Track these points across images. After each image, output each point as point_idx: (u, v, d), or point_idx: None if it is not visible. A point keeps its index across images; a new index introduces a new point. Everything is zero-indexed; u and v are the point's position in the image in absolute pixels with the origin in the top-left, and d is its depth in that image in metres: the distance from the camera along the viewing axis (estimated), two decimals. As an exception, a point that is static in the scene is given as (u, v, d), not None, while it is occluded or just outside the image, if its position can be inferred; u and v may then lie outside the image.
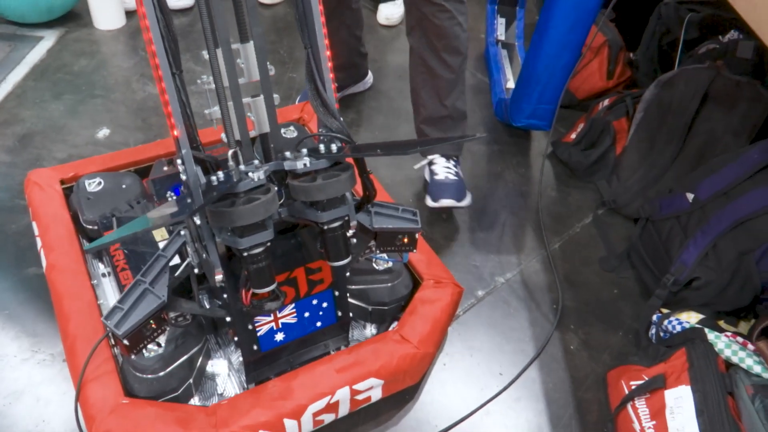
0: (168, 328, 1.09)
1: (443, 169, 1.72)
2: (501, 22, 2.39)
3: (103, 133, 1.90)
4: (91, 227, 1.42)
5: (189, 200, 0.96)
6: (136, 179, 1.52)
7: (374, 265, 1.37)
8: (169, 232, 1.39)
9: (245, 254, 0.95)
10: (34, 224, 1.45)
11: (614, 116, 1.87)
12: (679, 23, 2.00)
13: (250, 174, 0.94)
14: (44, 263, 1.37)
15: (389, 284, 1.35)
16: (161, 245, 1.31)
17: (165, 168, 1.55)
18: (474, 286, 1.59)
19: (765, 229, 1.35)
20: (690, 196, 1.51)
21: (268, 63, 1.01)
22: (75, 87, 2.07)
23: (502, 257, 1.68)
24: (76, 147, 1.84)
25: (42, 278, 1.37)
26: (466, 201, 1.71)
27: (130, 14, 2.42)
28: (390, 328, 1.31)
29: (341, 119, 1.03)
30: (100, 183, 1.48)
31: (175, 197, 1.47)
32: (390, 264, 1.37)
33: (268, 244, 0.96)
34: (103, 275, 1.39)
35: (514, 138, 2.06)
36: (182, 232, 1.06)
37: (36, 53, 2.19)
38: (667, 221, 1.55)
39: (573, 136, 1.98)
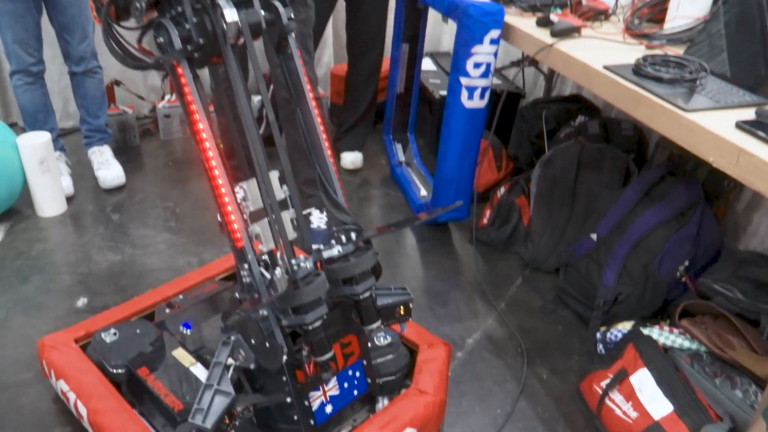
0: (237, 423, 1.27)
1: (317, 219, 2.27)
2: (398, 147, 2.87)
3: (82, 302, 2.05)
4: (118, 371, 1.57)
5: (256, 295, 1.21)
6: (147, 324, 1.70)
7: (375, 341, 1.63)
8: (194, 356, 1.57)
9: (309, 328, 1.20)
10: (59, 383, 1.57)
11: (515, 196, 2.33)
12: (538, 118, 2.56)
13: (301, 265, 1.22)
14: (84, 412, 1.49)
15: (392, 356, 1.61)
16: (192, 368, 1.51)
17: (167, 311, 1.75)
18: (452, 350, 1.88)
19: (654, 243, 1.80)
20: (594, 236, 1.94)
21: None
22: (39, 269, 2.20)
23: (465, 323, 2.00)
24: (60, 318, 1.96)
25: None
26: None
27: (69, 199, 2.62)
28: (384, 404, 1.53)
29: (351, 214, 1.35)
30: (115, 333, 1.65)
31: (188, 331, 1.66)
32: (389, 339, 1.64)
33: (324, 317, 1.22)
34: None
35: (438, 233, 2.45)
36: (232, 338, 1.29)
37: (-12, 248, 2.31)
38: (582, 261, 1.97)
39: (485, 220, 2.40)
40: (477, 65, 2.04)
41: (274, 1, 1.26)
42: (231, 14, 1.19)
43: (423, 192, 2.59)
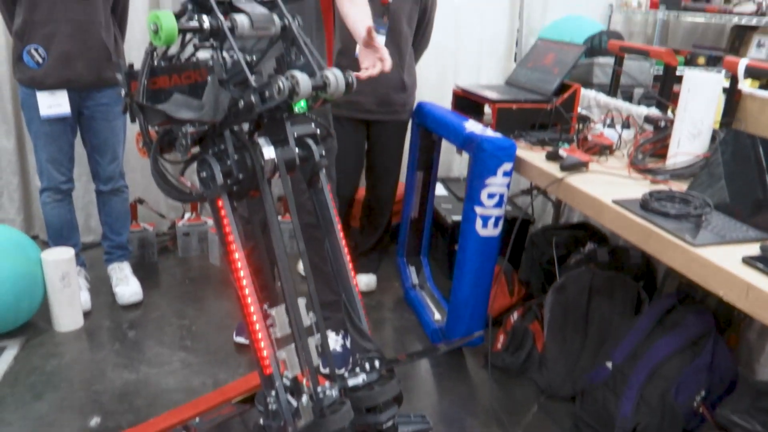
0: None
1: (333, 341, 2.25)
2: (412, 270, 2.93)
3: (95, 421, 2.03)
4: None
5: (282, 423, 1.22)
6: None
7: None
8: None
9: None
10: None
11: (528, 321, 2.36)
12: (549, 245, 2.64)
13: (327, 393, 1.24)
14: None
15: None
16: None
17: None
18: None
19: (670, 372, 1.81)
20: (609, 364, 1.95)
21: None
22: (53, 386, 2.20)
23: (481, 452, 1.96)
24: (71, 439, 1.95)
25: None
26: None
27: (86, 314, 2.65)
28: None
29: (374, 342, 1.38)
30: (130, 457, 1.64)
31: None
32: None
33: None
34: None
35: (452, 358, 2.45)
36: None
37: (3, 362, 2.32)
38: (599, 389, 1.96)
39: (499, 345, 2.41)
40: (491, 195, 2.14)
41: (308, 139, 1.37)
42: (269, 152, 1.29)
43: (437, 316, 2.62)
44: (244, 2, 1.28)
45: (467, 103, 2.64)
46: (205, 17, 1.19)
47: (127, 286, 2.82)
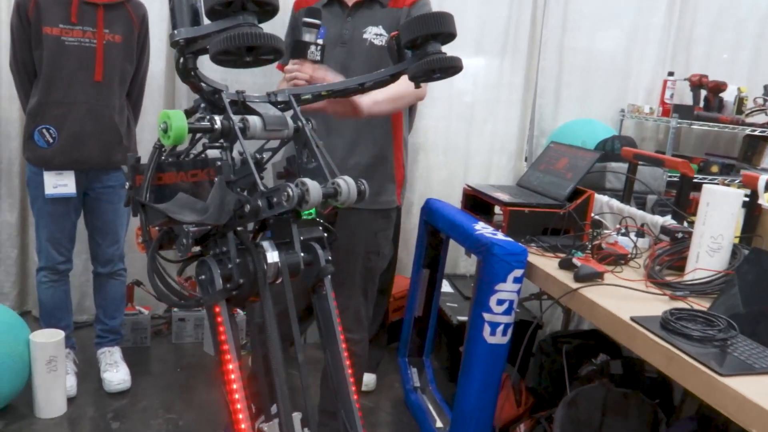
0: None
1: None
2: (414, 371, 2.80)
3: None
4: None
5: None
6: None
7: None
8: None
9: None
10: None
11: (536, 437, 2.22)
12: (558, 353, 2.52)
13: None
14: None
15: None
16: None
17: None
18: None
19: None
20: (625, 495, 1.80)
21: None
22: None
23: None
24: None
25: None
26: None
27: (71, 400, 2.52)
28: None
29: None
30: None
31: None
32: None
33: None
34: None
35: (453, 470, 2.29)
36: None
37: (-25, 454, 2.18)
38: None
39: (503, 460, 2.26)
40: (500, 302, 2.06)
41: (314, 243, 1.31)
42: (272, 256, 1.22)
43: (439, 423, 2.48)
44: (258, 102, 1.25)
45: (477, 202, 2.60)
46: (216, 117, 1.15)
47: (115, 372, 2.70)
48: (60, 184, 2.40)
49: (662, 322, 1.62)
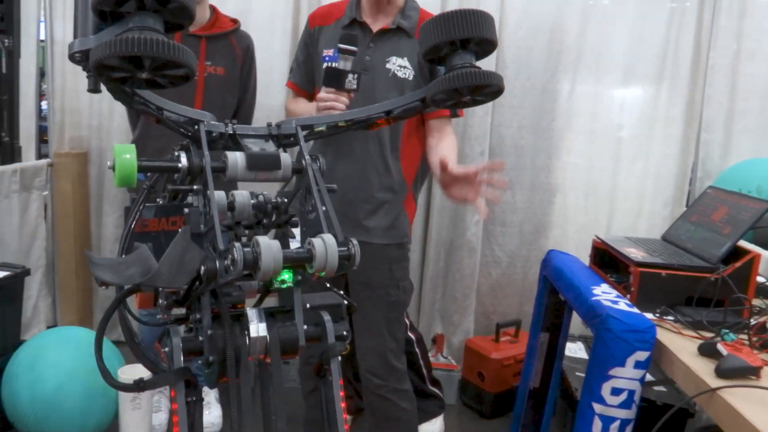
0: None
1: None
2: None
3: None
4: None
5: None
6: None
7: None
8: None
9: None
10: None
11: None
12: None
13: None
14: None
15: None
16: None
17: None
18: None
19: None
20: None
21: None
22: None
23: None
24: None
25: None
26: None
27: (154, 441, 2.45)
28: None
29: None
30: None
31: None
32: None
33: None
34: None
35: None
36: None
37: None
38: None
39: None
40: (616, 391, 1.61)
41: (323, 314, 1.02)
42: (258, 328, 0.96)
43: None
44: (252, 136, 1.01)
45: (610, 259, 2.14)
46: (183, 154, 0.93)
47: (207, 414, 2.59)
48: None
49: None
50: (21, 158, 2.84)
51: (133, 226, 1.03)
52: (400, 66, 1.89)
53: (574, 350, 2.85)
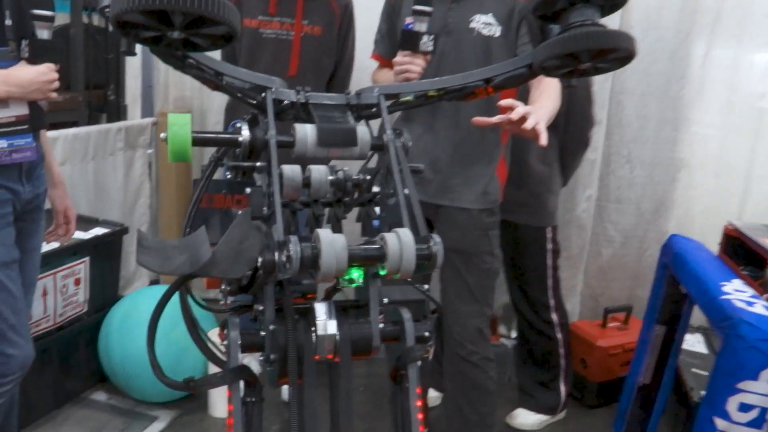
0: None
1: None
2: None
3: None
4: None
5: None
6: None
7: None
8: None
9: None
10: None
11: None
12: None
13: None
14: None
15: None
16: None
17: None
18: None
19: None
20: None
21: None
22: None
23: None
24: None
25: None
26: None
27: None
28: None
29: None
30: None
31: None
32: None
33: None
34: None
35: None
36: None
37: (149, 436, 2.22)
38: None
39: None
40: (745, 407, 1.39)
41: (403, 311, 0.89)
42: (327, 325, 0.85)
43: None
44: (328, 105, 0.88)
45: (745, 249, 1.87)
46: (245, 126, 0.82)
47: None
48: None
49: None
50: (127, 117, 2.90)
51: (198, 200, 0.94)
52: (485, 23, 1.75)
53: (692, 342, 2.56)
